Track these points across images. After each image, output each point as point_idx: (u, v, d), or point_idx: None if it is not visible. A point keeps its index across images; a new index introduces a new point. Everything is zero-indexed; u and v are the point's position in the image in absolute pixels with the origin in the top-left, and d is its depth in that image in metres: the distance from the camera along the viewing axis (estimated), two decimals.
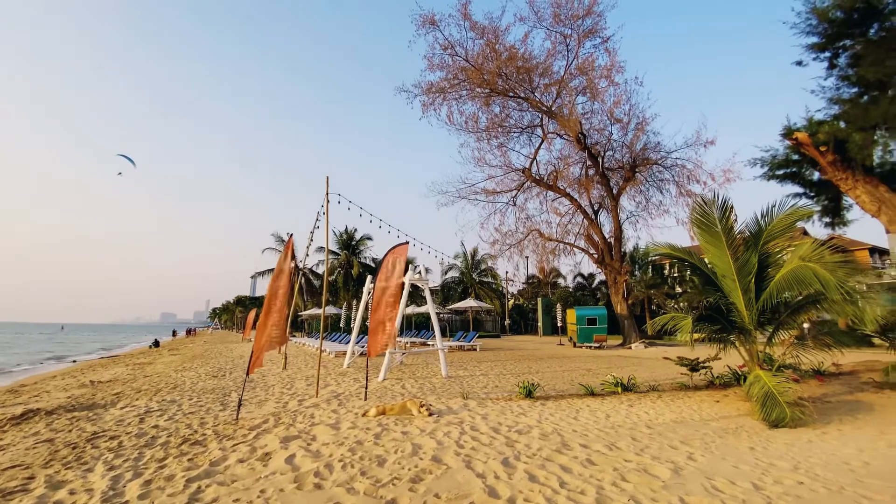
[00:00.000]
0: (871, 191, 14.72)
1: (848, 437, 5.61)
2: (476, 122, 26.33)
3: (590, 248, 26.98)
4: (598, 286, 46.01)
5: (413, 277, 11.58)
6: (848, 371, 11.71)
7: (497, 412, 6.98)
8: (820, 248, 7.92)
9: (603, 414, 6.98)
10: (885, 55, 13.02)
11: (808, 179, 17.14)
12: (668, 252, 9.52)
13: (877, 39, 13.77)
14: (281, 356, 14.36)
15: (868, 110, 13.33)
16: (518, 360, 16.40)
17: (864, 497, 3.55)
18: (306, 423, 6.43)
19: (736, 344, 8.45)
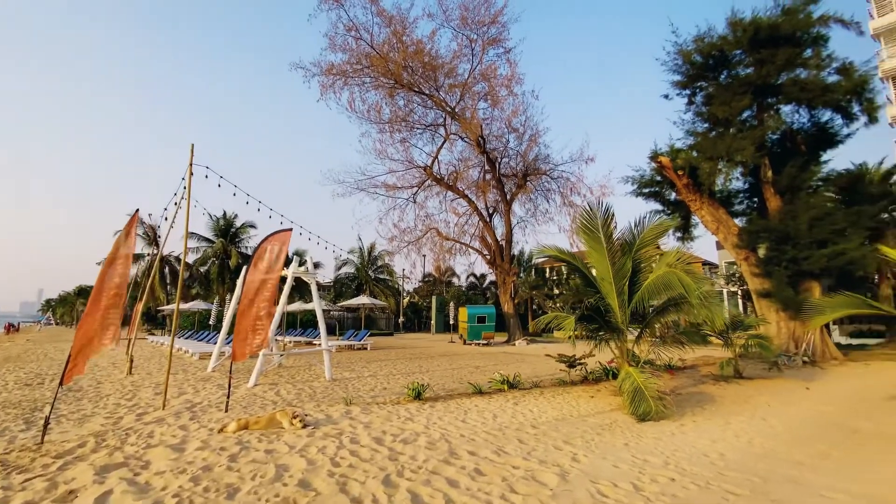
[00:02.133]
0: (713, 212, 17.43)
1: (702, 428, 6.20)
2: (379, 113, 25.46)
3: (483, 249, 27.88)
4: (488, 286, 48.14)
5: (297, 270, 10.41)
6: (690, 366, 13.55)
7: (382, 419, 6.40)
8: (683, 258, 8.89)
9: (490, 414, 6.83)
10: (730, 98, 15.45)
11: (667, 199, 19.75)
12: (556, 254, 9.91)
13: (725, 84, 16.34)
14: (127, 358, 11.91)
15: (715, 143, 15.71)
16: (409, 359, 16.01)
17: (729, 492, 3.75)
18: (140, 444, 5.12)
19: (609, 342, 9.06)
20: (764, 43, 15.04)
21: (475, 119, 24.10)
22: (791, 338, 15.18)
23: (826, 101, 14.86)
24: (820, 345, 14.99)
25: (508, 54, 24.49)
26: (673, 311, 8.74)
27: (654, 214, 18.32)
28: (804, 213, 14.43)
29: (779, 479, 4.14)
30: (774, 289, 15.20)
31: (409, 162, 27.26)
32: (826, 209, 14.62)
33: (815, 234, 14.10)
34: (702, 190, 17.01)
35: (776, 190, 16.24)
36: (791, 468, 4.45)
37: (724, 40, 15.97)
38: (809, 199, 15.21)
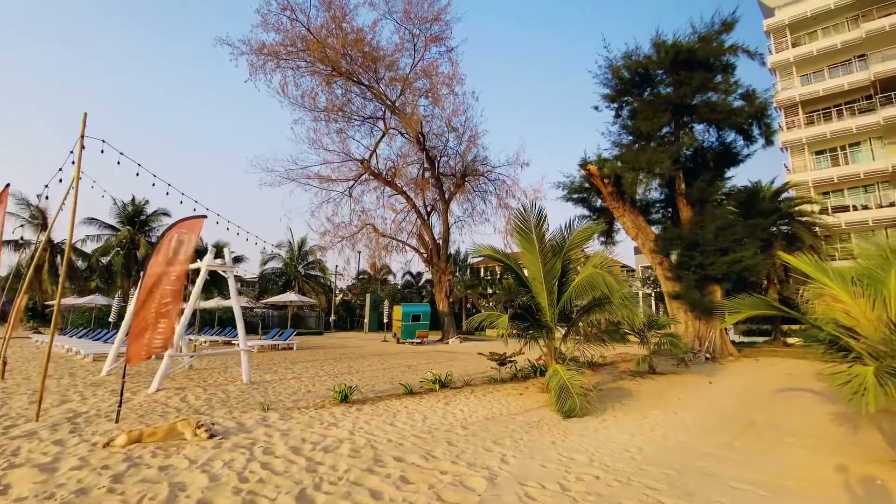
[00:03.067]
0: (633, 219, 18.70)
1: (622, 423, 6.46)
2: (314, 100, 24.25)
3: (420, 247, 27.68)
4: (424, 284, 48.06)
5: (212, 263, 9.45)
6: (610, 362, 14.37)
7: (303, 425, 5.92)
8: (606, 261, 9.30)
9: (421, 416, 6.61)
10: (652, 114, 16.63)
11: (594, 205, 20.86)
12: (491, 254, 9.94)
13: (648, 100, 17.57)
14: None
15: (637, 155, 16.83)
16: (339, 359, 15.34)
17: (649, 487, 3.85)
18: (0, 464, 4.23)
19: (538, 340, 9.25)
20: (683, 65, 16.38)
21: (415, 115, 23.81)
22: (696, 336, 16.68)
23: (731, 123, 16.53)
24: (720, 342, 16.65)
25: (451, 53, 24.54)
26: (597, 311, 9.10)
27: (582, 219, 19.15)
28: (710, 224, 15.92)
29: (692, 471, 4.35)
30: (684, 291, 16.62)
31: (345, 154, 26.32)
32: (728, 221, 16.26)
33: (719, 242, 15.61)
34: (624, 198, 18.17)
35: (688, 201, 17.78)
36: (702, 460, 4.71)
37: (648, 60, 17.17)
38: (715, 211, 16.83)
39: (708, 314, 16.50)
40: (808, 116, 29.43)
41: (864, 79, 27.15)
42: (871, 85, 26.99)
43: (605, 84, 18.86)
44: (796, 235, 21.32)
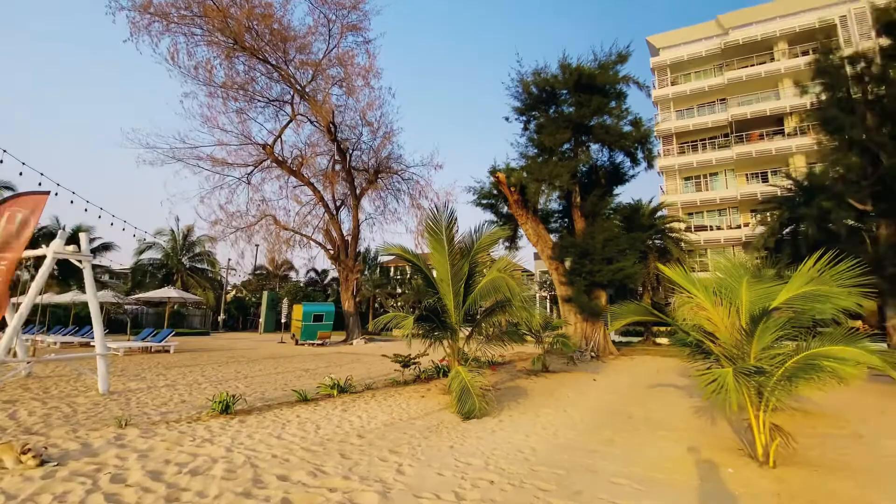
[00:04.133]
0: (535, 227, 19.84)
1: (517, 422, 6.65)
2: (210, 74, 21.77)
3: (327, 243, 26.40)
4: (330, 282, 46.10)
5: (62, 249, 7.81)
6: (508, 361, 15.01)
7: (170, 443, 5.09)
8: (510, 265, 9.62)
9: (313, 426, 6.12)
10: (556, 130, 17.79)
11: (501, 211, 21.74)
12: (401, 254, 9.71)
13: (553, 117, 18.80)
14: None
15: (541, 168, 17.88)
16: (225, 363, 13.86)
17: (540, 489, 3.92)
18: None
19: (443, 341, 9.25)
20: (584, 88, 17.81)
21: (328, 103, 22.63)
22: (583, 336, 18.21)
23: (621, 146, 18.37)
24: (603, 342, 18.38)
25: (368, 45, 23.77)
26: (499, 312, 9.36)
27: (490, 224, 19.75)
28: (600, 235, 17.52)
29: (579, 469, 4.56)
30: (575, 295, 18.05)
31: (245, 137, 24.05)
32: (614, 233, 18.04)
33: (606, 252, 17.23)
34: (528, 207, 19.20)
35: (582, 213, 19.37)
36: (587, 457, 4.98)
37: (555, 79, 18.36)
38: (604, 224, 18.56)
39: (595, 317, 18.11)
40: (680, 147, 34.10)
41: (723, 119, 32.25)
42: (729, 125, 32.20)
43: (516, 97, 19.79)
44: (667, 249, 24.51)
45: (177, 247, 34.98)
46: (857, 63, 17.39)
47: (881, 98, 16.83)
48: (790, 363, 4.69)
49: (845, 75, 17.47)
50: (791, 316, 5.31)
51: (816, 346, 4.79)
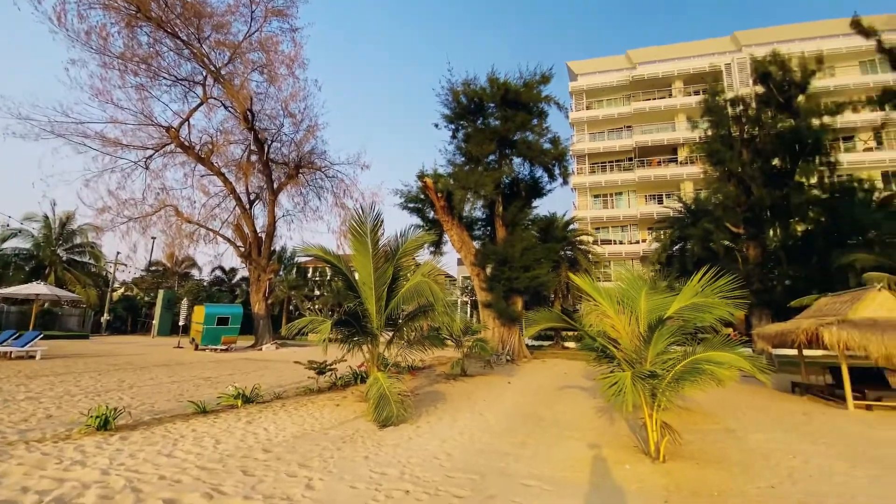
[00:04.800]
0: (459, 234, 20.22)
1: (434, 428, 6.62)
2: (106, 41, 19.13)
3: (237, 239, 24.42)
4: (238, 282, 42.77)
5: None
6: (428, 366, 15.03)
7: (29, 467, 4.26)
8: (434, 270, 9.64)
9: (212, 440, 5.54)
10: (482, 141, 18.33)
11: (427, 216, 21.85)
12: (321, 254, 9.26)
13: (481, 128, 19.37)
14: None
15: (468, 176, 18.31)
16: (106, 372, 12.12)
17: (455, 496, 3.91)
18: None
19: (363, 346, 8.97)
20: (510, 104, 18.62)
21: (245, 89, 21.03)
22: (500, 340, 18.88)
23: (541, 162, 19.48)
24: (518, 346, 19.21)
25: (295, 33, 22.55)
26: (422, 317, 9.33)
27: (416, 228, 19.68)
28: (519, 244, 18.35)
29: (493, 473, 4.64)
30: (494, 301, 18.67)
31: (145, 116, 21.43)
32: (532, 243, 19.02)
33: (524, 260, 18.09)
34: (454, 213, 19.53)
35: (503, 223, 20.15)
36: (501, 460, 5.10)
37: (483, 92, 18.97)
38: (523, 234, 19.50)
39: (511, 322, 18.88)
40: (591, 166, 37.07)
41: (629, 144, 35.67)
42: (633, 150, 35.69)
43: (446, 105, 20.11)
44: (577, 259, 26.41)
45: (51, 236, 30.07)
46: (736, 105, 20.31)
47: (754, 137, 19.81)
48: (679, 367, 5.22)
49: (728, 115, 20.31)
50: (681, 324, 5.94)
51: (700, 352, 5.40)
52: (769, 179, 19.25)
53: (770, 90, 19.65)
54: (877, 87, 21.51)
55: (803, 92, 19.20)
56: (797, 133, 18.53)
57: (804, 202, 18.70)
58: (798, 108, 19.05)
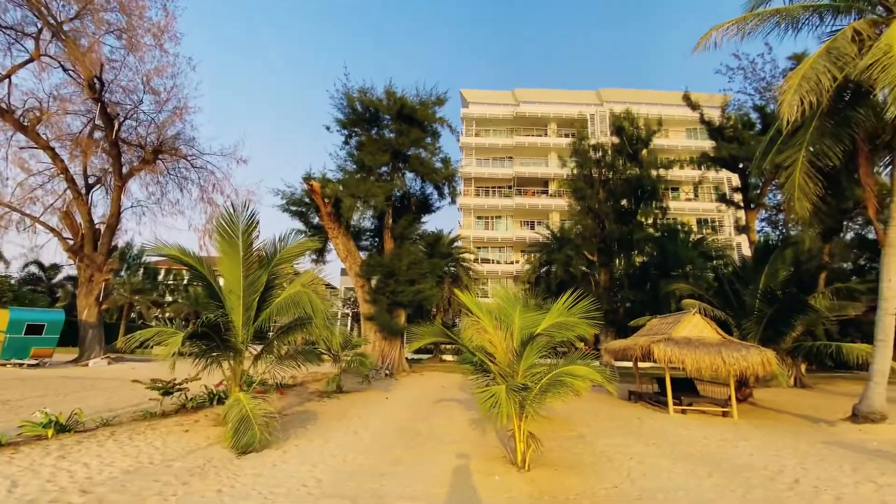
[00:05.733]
0: (345, 243, 19.54)
1: (303, 452, 6.10)
2: None
3: (65, 229, 20.04)
4: (62, 282, 35.07)
5: None
6: (300, 383, 13.99)
7: None
8: (316, 279, 9.08)
9: (6, 483, 4.28)
10: (376, 151, 18.14)
11: (311, 222, 20.72)
12: (178, 255, 8.01)
13: (375, 138, 19.18)
14: None
15: (358, 184, 17.89)
16: None
17: None
18: None
19: (223, 362, 7.95)
20: (405, 119, 18.84)
21: (95, 52, 17.63)
22: (381, 354, 18.57)
23: (432, 179, 20.02)
24: (398, 359, 19.10)
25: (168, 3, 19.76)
26: (298, 330, 8.64)
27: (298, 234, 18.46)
28: (406, 258, 18.45)
29: (366, 495, 4.41)
30: (377, 314, 18.36)
31: None
32: (419, 257, 19.29)
33: (410, 274, 18.21)
34: (341, 221, 18.86)
35: (392, 235, 20.10)
36: (375, 481, 4.89)
37: (380, 102, 18.89)
38: (410, 248, 19.68)
39: (394, 335, 18.75)
40: (476, 190, 39.37)
41: (509, 174, 38.80)
42: (513, 179, 38.89)
43: (341, 110, 19.51)
44: (459, 276, 27.54)
45: None
46: (598, 151, 23.58)
47: (609, 180, 23.17)
48: (545, 380, 5.67)
49: (590, 158, 23.45)
50: (548, 340, 6.50)
51: (563, 366, 5.95)
52: (619, 217, 22.67)
53: (623, 141, 23.30)
54: (698, 150, 27.00)
55: (646, 147, 23.17)
56: (640, 180, 22.23)
57: (643, 238, 22.38)
58: (642, 159, 22.92)
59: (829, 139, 9.10)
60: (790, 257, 13.64)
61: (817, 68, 8.10)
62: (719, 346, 9.82)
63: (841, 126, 9.11)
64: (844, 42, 8.26)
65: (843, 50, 8.16)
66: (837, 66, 8.09)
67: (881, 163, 10.58)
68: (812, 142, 9.16)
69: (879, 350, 8.62)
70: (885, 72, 7.17)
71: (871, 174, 9.90)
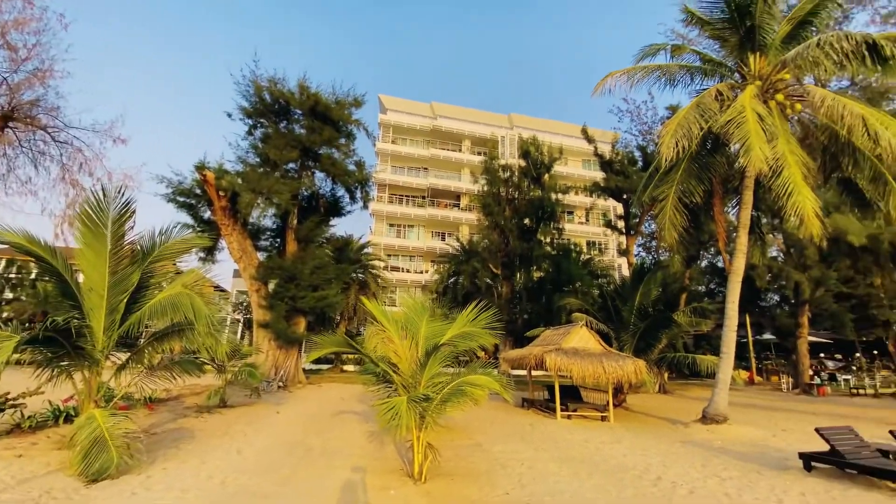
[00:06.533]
0: (241, 241, 17.91)
1: (172, 476, 5.33)
2: None
3: None
4: None
5: None
6: (175, 397, 12.38)
7: None
8: (201, 280, 8.15)
9: None
10: (284, 145, 17.02)
11: (201, 216, 18.65)
12: (23, 243, 6.60)
13: (283, 132, 18.00)
14: None
15: (261, 179, 16.59)
16: None
17: None
18: None
19: (75, 374, 6.71)
20: (318, 116, 18.00)
21: None
22: (274, 365, 17.25)
23: (344, 182, 19.35)
24: (293, 370, 17.89)
25: None
26: (176, 337, 7.64)
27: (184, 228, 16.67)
28: (310, 261, 17.48)
29: None
30: (273, 321, 17.05)
31: None
32: (325, 262, 18.41)
33: (313, 279, 17.28)
34: (238, 218, 17.30)
35: (296, 237, 18.93)
36: (258, 503, 4.44)
37: (291, 96, 17.84)
38: (316, 251, 18.70)
39: (290, 344, 17.56)
40: (390, 197, 39.10)
41: (424, 184, 39.22)
42: (427, 190, 39.36)
43: (246, 97, 18.03)
44: (367, 283, 26.90)
45: None
46: (506, 171, 24.93)
47: (515, 199, 24.59)
48: (447, 389, 5.70)
49: (500, 178, 24.68)
50: (452, 349, 6.57)
51: (465, 375, 6.04)
52: (522, 234, 24.13)
53: (528, 165, 24.96)
54: (591, 179, 30.07)
55: (548, 172, 25.09)
56: (542, 202, 23.97)
57: (541, 255, 24.06)
58: (544, 183, 24.76)
59: (694, 180, 10.73)
60: (660, 279, 15.66)
61: (689, 118, 9.50)
62: (601, 357, 10.83)
63: (703, 170, 10.81)
64: (710, 99, 9.81)
65: (708, 105, 9.69)
66: (704, 119, 9.57)
67: (730, 203, 12.74)
68: (682, 181, 10.71)
69: (724, 361, 10.22)
70: (738, 128, 8.65)
71: (723, 213, 11.83)
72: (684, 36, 21.20)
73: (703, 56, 11.55)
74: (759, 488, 5.33)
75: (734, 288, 10.38)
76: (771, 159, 8.71)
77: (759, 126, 8.65)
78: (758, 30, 10.02)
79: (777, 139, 8.99)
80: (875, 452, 5.92)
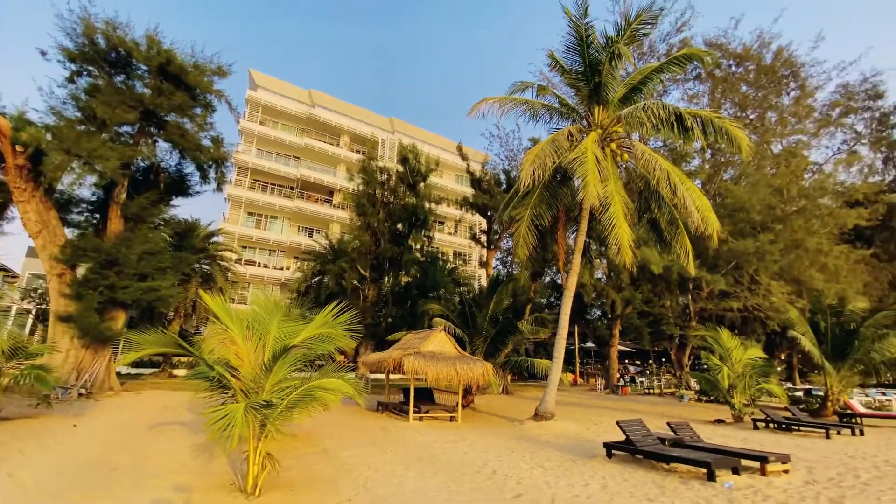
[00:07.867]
0: (42, 212, 14.25)
1: None
2: None
3: None
4: None
5: None
6: None
7: None
8: None
9: None
10: (118, 103, 14.15)
11: None
12: None
13: (119, 87, 14.93)
14: None
15: (80, 139, 13.46)
16: None
17: None
18: None
19: None
20: (169, 77, 15.42)
21: None
22: (77, 368, 14.05)
23: (195, 157, 16.88)
24: (104, 375, 14.78)
25: None
26: None
27: None
28: (139, 245, 14.72)
29: None
30: (80, 313, 13.88)
31: None
32: (159, 247, 15.72)
33: (142, 267, 14.58)
34: (41, 182, 13.80)
35: (123, 213, 15.78)
36: None
37: (136, 47, 14.98)
38: (149, 234, 15.85)
39: (102, 343, 14.51)
40: (252, 182, 35.52)
41: (294, 174, 36.62)
42: (297, 180, 36.82)
43: (71, 36, 14.53)
44: (213, 276, 23.83)
45: None
46: (384, 174, 24.88)
47: (390, 203, 24.66)
48: (294, 395, 5.33)
49: (377, 179, 24.50)
50: (305, 352, 6.18)
51: (316, 379, 5.73)
52: (393, 238, 24.28)
53: (406, 171, 25.35)
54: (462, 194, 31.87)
55: (424, 181, 25.82)
56: (416, 209, 24.52)
57: (410, 260, 24.52)
58: (419, 191, 25.40)
59: (545, 205, 12.22)
60: (511, 290, 17.32)
61: (545, 151, 10.79)
62: (455, 360, 11.44)
63: (553, 198, 12.39)
64: (563, 138, 11.31)
65: (561, 143, 11.16)
66: (557, 154, 10.98)
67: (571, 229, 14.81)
68: (535, 205, 12.10)
69: (555, 365, 11.72)
70: (580, 166, 10.11)
71: (565, 237, 13.68)
72: (549, 79, 24.17)
73: (561, 100, 13.29)
74: (572, 475, 6.19)
75: (567, 302, 12.03)
76: (602, 196, 10.40)
77: (597, 167, 10.27)
78: (603, 87, 11.92)
79: (608, 180, 10.79)
80: (656, 440, 7.41)
